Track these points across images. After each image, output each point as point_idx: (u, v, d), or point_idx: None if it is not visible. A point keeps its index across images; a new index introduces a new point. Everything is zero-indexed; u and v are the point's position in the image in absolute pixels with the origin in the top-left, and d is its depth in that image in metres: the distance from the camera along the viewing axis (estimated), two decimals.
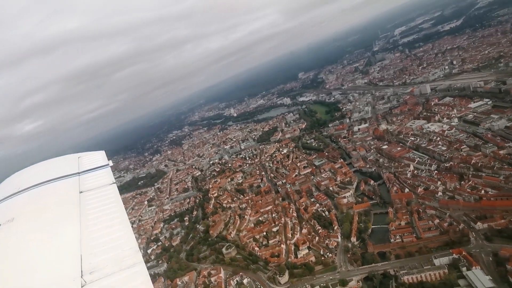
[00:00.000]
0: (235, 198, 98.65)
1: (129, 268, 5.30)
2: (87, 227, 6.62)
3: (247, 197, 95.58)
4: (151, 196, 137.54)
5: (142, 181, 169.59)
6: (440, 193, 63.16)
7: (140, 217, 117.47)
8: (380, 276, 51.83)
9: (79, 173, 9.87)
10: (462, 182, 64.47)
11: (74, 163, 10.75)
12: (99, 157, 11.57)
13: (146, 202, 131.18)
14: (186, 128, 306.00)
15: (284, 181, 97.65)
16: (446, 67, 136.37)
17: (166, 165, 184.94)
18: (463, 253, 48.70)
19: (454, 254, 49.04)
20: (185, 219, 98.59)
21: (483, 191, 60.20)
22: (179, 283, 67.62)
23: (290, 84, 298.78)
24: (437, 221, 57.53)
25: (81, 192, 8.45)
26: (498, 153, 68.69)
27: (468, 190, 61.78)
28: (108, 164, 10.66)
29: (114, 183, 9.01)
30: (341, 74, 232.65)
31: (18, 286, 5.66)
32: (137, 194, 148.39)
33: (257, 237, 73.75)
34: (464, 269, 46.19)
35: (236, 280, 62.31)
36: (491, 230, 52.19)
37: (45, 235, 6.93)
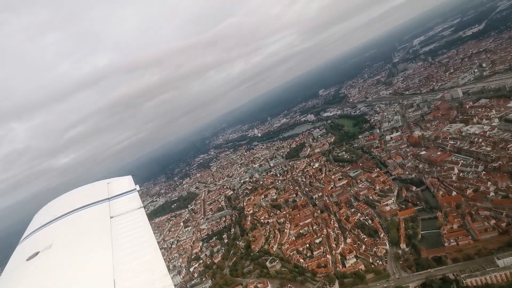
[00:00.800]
0: (271, 214, 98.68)
1: None
2: (119, 251, 6.78)
3: (284, 212, 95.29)
4: (186, 218, 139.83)
5: (175, 204, 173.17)
6: (492, 193, 60.51)
7: (178, 238, 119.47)
8: (439, 281, 49.59)
9: (109, 198, 10.27)
10: None
11: (104, 189, 11.26)
12: (127, 182, 12.02)
13: (182, 224, 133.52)
14: (212, 151, 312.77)
15: (320, 194, 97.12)
16: (476, 70, 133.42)
17: (197, 187, 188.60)
18: None
19: None
20: (223, 236, 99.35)
21: None
22: None
23: (311, 102, 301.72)
24: (493, 221, 54.91)
25: (112, 217, 8.78)
26: None
27: None
28: (135, 189, 11.04)
29: (141, 207, 9.32)
30: (363, 87, 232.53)
31: None
32: (172, 216, 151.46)
33: (301, 249, 73.08)
34: None
35: None
36: None
37: (81, 260, 7.14)
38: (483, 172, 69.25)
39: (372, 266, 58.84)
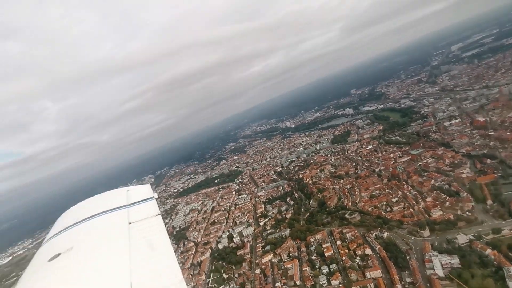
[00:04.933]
0: (335, 182, 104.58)
1: None
2: (136, 256, 7.04)
3: (349, 180, 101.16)
4: (236, 188, 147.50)
5: (218, 179, 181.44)
6: None
7: (234, 202, 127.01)
8: None
9: (128, 205, 10.61)
10: None
11: (123, 196, 11.62)
12: (146, 190, 12.39)
13: (234, 192, 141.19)
14: (242, 140, 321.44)
15: (382, 167, 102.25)
16: None
17: (237, 167, 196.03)
18: None
19: None
20: (287, 200, 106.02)
21: None
22: (312, 240, 74.09)
23: (344, 99, 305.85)
24: None
25: (130, 223, 9.04)
26: None
27: None
28: (153, 197, 11.34)
29: (159, 214, 9.61)
30: (403, 86, 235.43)
31: None
32: (220, 188, 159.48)
33: (379, 205, 78.80)
34: None
35: (375, 234, 67.49)
36: None
37: (100, 262, 7.46)
38: None
39: (462, 215, 64.10)
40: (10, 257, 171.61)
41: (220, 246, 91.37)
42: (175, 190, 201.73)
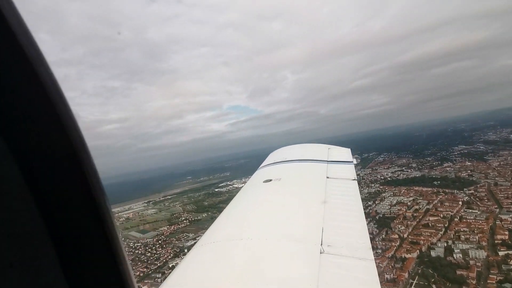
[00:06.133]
0: None
1: (360, 260, 5.14)
2: (330, 209, 7.00)
3: None
4: (465, 200, 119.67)
5: (438, 182, 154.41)
6: None
7: (459, 214, 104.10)
8: None
9: (327, 161, 10.97)
10: None
11: (325, 152, 12.07)
12: (345, 153, 12.30)
13: (460, 203, 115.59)
14: (481, 146, 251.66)
15: None
16: None
17: (470, 175, 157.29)
18: None
19: None
20: None
21: None
22: None
23: None
24: None
25: (328, 177, 9.27)
26: None
27: None
28: (352, 162, 11.07)
29: (355, 179, 9.33)
30: None
31: (277, 226, 6.41)
32: (439, 191, 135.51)
33: None
34: None
35: None
36: None
37: (300, 198, 8.13)
38: None
39: None
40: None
41: (433, 254, 78.81)
42: (382, 177, 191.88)
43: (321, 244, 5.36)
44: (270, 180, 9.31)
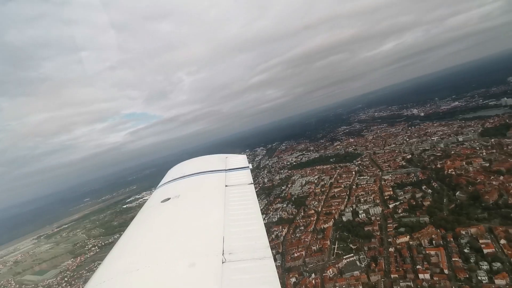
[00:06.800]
0: (491, 177, 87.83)
1: (260, 260, 5.45)
2: (229, 215, 7.25)
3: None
4: (356, 170, 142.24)
5: (333, 159, 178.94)
6: None
7: (355, 182, 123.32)
8: None
9: (226, 170, 11.25)
10: None
11: (223, 161, 12.35)
12: (242, 159, 12.82)
13: (354, 173, 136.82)
14: (357, 124, 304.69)
15: None
16: None
17: (355, 149, 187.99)
18: None
19: None
20: (423, 187, 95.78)
21: None
22: (463, 232, 65.15)
23: (497, 88, 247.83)
24: None
25: (226, 186, 9.53)
26: None
27: None
28: (248, 167, 11.65)
29: (252, 183, 9.86)
30: None
31: (177, 246, 6.28)
32: (336, 166, 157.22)
33: None
34: None
35: None
36: None
37: (200, 212, 8.05)
38: None
39: None
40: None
41: (344, 219, 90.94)
42: (288, 163, 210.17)
43: (223, 254, 5.56)
44: (168, 199, 9.01)
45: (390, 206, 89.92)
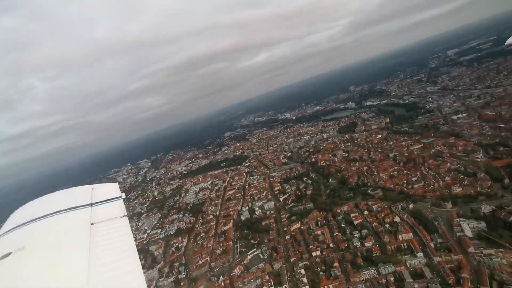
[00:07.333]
0: (351, 164, 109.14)
1: None
2: (96, 260, 6.54)
3: (365, 163, 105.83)
4: (246, 171, 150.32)
5: (223, 163, 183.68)
6: None
7: (247, 182, 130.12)
8: None
9: (91, 204, 9.93)
10: None
11: (87, 194, 10.80)
12: (112, 189, 11.56)
13: (244, 174, 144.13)
14: (240, 130, 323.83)
15: (396, 153, 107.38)
16: None
17: (242, 152, 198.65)
18: None
19: None
20: (304, 179, 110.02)
21: None
22: (338, 211, 78.36)
23: (343, 95, 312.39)
24: None
25: (92, 223, 8.41)
26: None
27: None
28: (120, 197, 10.62)
29: (125, 215, 8.97)
30: (403, 85, 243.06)
31: None
32: (228, 170, 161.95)
33: (400, 183, 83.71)
34: None
35: (401, 206, 72.28)
36: None
37: (54, 265, 6.77)
38: None
39: (483, 190, 69.50)
40: None
41: (243, 218, 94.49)
42: (178, 173, 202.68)
43: None
44: (9, 254, 7.18)
45: (281, 199, 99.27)
